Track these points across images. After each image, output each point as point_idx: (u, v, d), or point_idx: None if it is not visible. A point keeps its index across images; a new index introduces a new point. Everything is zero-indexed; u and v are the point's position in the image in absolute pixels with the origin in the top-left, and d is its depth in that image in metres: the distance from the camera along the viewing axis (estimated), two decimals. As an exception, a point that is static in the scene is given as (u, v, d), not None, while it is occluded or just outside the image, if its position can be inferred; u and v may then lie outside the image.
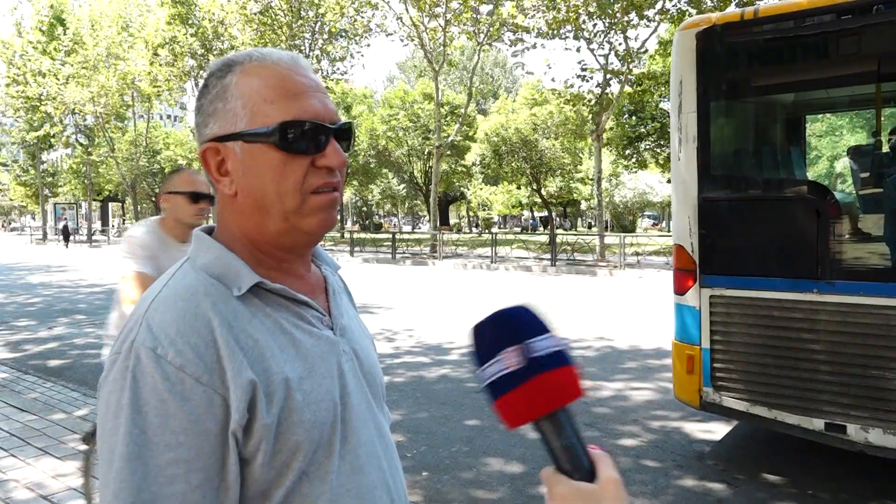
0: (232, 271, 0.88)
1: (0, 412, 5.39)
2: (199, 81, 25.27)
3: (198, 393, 0.78)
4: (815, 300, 3.80)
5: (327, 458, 0.88)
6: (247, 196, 0.89)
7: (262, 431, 0.81)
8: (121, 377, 0.79)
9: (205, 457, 0.78)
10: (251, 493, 0.83)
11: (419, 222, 74.98)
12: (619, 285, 16.04)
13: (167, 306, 0.83)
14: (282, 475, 0.84)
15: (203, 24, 30.42)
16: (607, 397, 6.06)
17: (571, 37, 21.86)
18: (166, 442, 0.77)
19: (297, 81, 0.89)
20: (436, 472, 4.34)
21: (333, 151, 0.89)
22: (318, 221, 0.90)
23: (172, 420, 0.77)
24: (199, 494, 0.78)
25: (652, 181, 47.07)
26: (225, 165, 0.90)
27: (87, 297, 13.82)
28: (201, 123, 0.92)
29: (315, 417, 0.86)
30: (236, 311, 0.85)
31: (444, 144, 27.13)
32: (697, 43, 4.18)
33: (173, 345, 0.79)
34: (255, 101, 0.87)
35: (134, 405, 0.77)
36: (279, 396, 0.83)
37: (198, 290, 0.85)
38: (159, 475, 0.76)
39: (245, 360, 0.82)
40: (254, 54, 0.91)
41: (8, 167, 54.84)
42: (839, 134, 26.42)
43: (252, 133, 0.87)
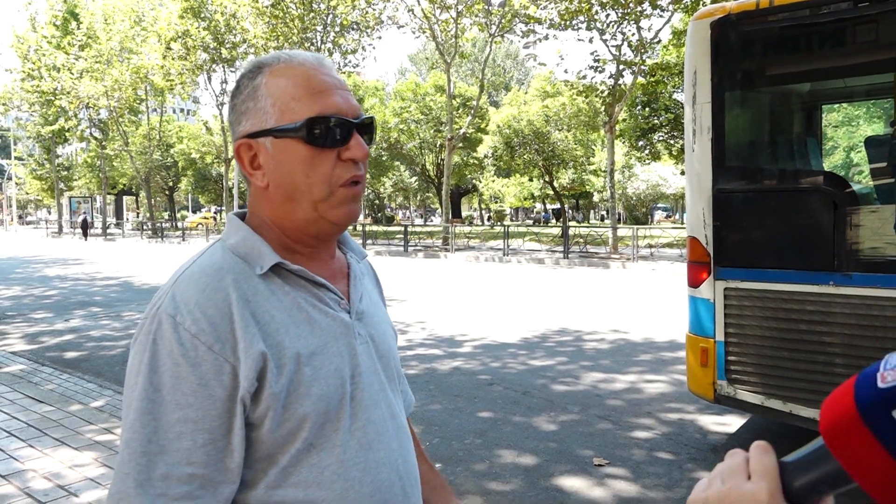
0: (256, 252, 0.95)
1: (18, 403, 5.46)
2: (212, 75, 25.21)
3: (209, 359, 0.86)
4: (832, 293, 3.76)
5: (336, 433, 0.94)
6: (278, 187, 0.96)
7: (269, 400, 0.88)
8: (144, 339, 0.88)
9: (211, 419, 0.86)
10: (258, 456, 0.90)
11: (431, 215, 74.99)
12: (633, 278, 15.97)
13: (192, 280, 0.91)
14: (288, 442, 0.91)
15: (215, 17, 30.52)
16: (621, 390, 6.04)
17: (584, 28, 21.73)
18: (176, 401, 0.85)
19: (321, 80, 0.96)
20: (449, 464, 4.35)
21: (357, 144, 0.96)
22: (344, 213, 0.97)
23: (183, 382, 0.85)
24: (203, 453, 0.85)
25: (665, 173, 46.78)
26: (257, 160, 0.97)
27: (102, 290, 13.95)
28: (234, 122, 0.99)
29: (323, 392, 0.92)
30: (256, 288, 0.92)
31: (455, 137, 27.08)
32: (712, 32, 4.13)
33: (191, 314, 0.87)
34: (284, 100, 0.94)
35: (151, 365, 0.86)
36: (289, 369, 0.90)
37: (222, 267, 0.93)
38: (168, 430, 0.84)
39: (259, 333, 0.89)
40: (281, 56, 0.98)
41: (24, 161, 55.42)
42: (856, 124, 26.10)
43: (281, 129, 0.94)
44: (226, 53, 31.74)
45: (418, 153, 44.06)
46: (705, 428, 5.01)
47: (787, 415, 3.97)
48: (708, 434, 4.90)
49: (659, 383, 6.25)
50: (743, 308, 4.10)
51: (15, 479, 3.93)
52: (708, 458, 4.41)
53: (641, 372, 6.67)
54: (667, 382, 6.26)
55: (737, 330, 4.13)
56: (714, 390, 4.23)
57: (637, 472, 4.19)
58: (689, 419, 5.21)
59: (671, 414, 5.34)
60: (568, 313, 10.33)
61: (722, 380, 4.19)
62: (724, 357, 4.17)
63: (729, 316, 4.15)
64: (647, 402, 5.67)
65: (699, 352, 4.27)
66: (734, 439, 4.81)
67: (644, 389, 6.05)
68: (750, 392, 4.10)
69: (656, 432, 4.92)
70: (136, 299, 12.38)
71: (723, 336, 4.17)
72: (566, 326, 9.17)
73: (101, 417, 5.06)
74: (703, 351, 4.24)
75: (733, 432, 4.93)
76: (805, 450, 0.58)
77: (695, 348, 4.32)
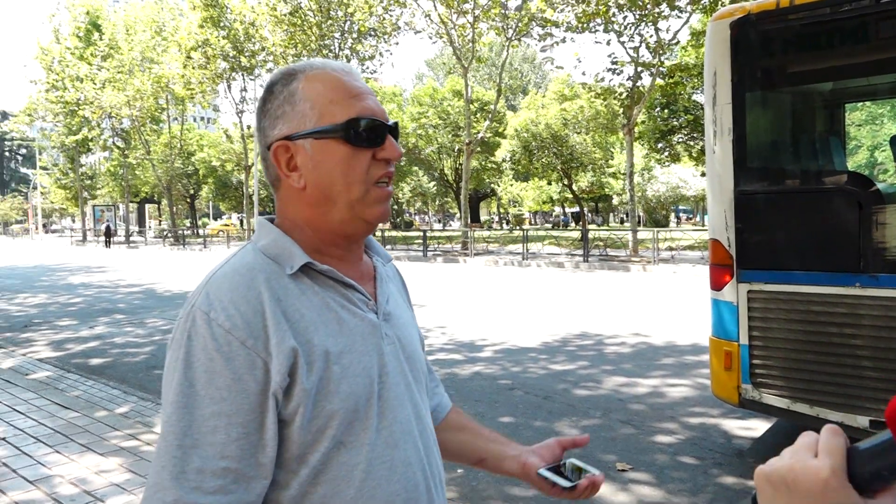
0: (286, 252, 0.98)
1: (44, 409, 5.53)
2: (232, 83, 25.37)
3: (242, 355, 0.88)
4: (858, 294, 3.70)
5: (364, 431, 0.96)
6: (315, 188, 0.99)
7: (301, 395, 0.90)
8: (180, 336, 0.91)
9: (244, 413, 0.88)
10: (290, 455, 0.92)
11: (450, 220, 75.02)
12: (653, 281, 15.85)
13: (225, 278, 0.94)
14: (318, 440, 0.93)
15: (234, 26, 30.84)
16: (643, 394, 5.99)
17: (601, 30, 21.65)
18: (211, 396, 0.87)
19: (354, 85, 1.02)
20: (471, 470, 4.34)
21: (391, 145, 1.02)
22: (378, 212, 1.02)
23: (217, 377, 0.88)
24: (237, 447, 0.87)
25: (685, 175, 46.38)
26: (294, 161, 1.00)
27: (126, 297, 14.12)
28: (268, 126, 1.02)
29: (351, 389, 0.95)
30: (287, 287, 0.95)
31: (473, 141, 27.09)
32: (731, 33, 4.09)
33: (225, 310, 0.89)
34: (322, 103, 0.99)
35: (187, 361, 0.89)
36: (319, 366, 0.92)
37: (254, 267, 0.96)
38: (203, 424, 0.87)
39: (289, 331, 0.91)
40: (314, 63, 1.03)
41: (49, 171, 56.28)
42: (880, 122, 25.71)
43: (321, 130, 0.98)
44: (245, 62, 32.07)
45: (436, 158, 44.15)
46: (730, 432, 4.95)
47: (815, 419, 3.91)
48: (733, 438, 4.83)
49: (682, 387, 6.18)
50: (767, 311, 4.05)
51: (42, 485, 3.98)
52: (733, 463, 4.36)
53: (664, 376, 6.61)
54: (690, 386, 6.20)
55: (761, 333, 4.08)
56: (738, 394, 4.18)
57: (661, 478, 4.15)
58: (712, 423, 5.15)
59: (695, 418, 5.28)
60: (588, 317, 10.27)
61: (746, 383, 4.14)
62: (749, 360, 4.11)
63: (753, 319, 4.09)
64: (671, 406, 5.62)
65: (723, 355, 4.22)
66: (759, 443, 4.74)
67: (667, 394, 6.00)
68: (775, 396, 4.04)
69: (680, 437, 4.87)
70: (158, 306, 12.52)
71: (747, 339, 4.11)
72: (587, 330, 9.12)
73: (126, 423, 5.11)
74: (727, 354, 4.19)
75: (758, 436, 4.86)
76: (875, 438, 0.61)
77: (718, 352, 4.27)
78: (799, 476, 0.61)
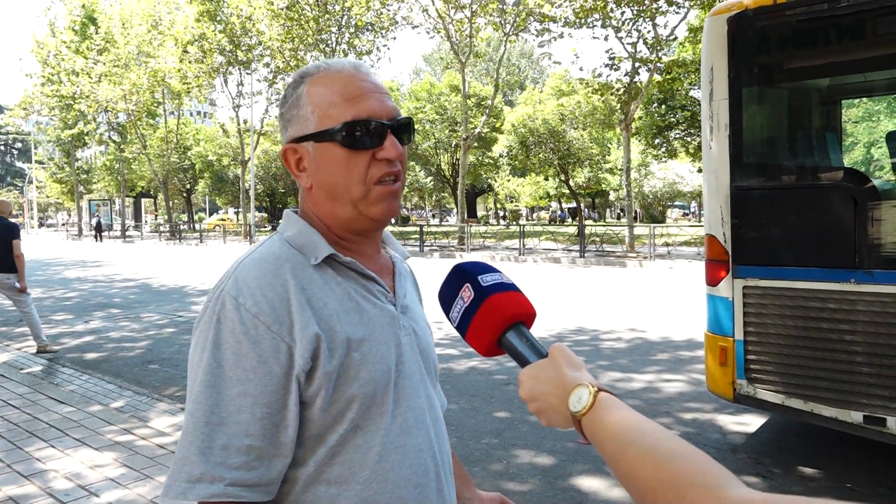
0: (311, 244, 1.03)
1: (39, 404, 5.52)
2: (228, 77, 25.48)
3: (267, 338, 0.92)
4: (853, 290, 3.70)
5: (380, 416, 1.00)
6: (320, 188, 1.04)
7: (322, 379, 0.95)
8: (209, 319, 0.95)
9: (269, 394, 0.92)
10: (309, 435, 0.96)
11: (446, 215, 75.00)
12: (650, 276, 15.87)
13: (254, 265, 0.98)
14: (336, 422, 0.97)
15: (231, 20, 30.72)
16: (638, 389, 6.00)
17: (599, 25, 21.61)
18: (238, 377, 0.91)
19: (357, 85, 1.03)
20: (466, 464, 4.34)
21: (391, 145, 1.02)
22: (382, 209, 1.04)
23: (244, 359, 0.92)
24: (261, 426, 0.91)
25: (682, 171, 46.41)
26: (302, 163, 1.05)
27: (121, 292, 14.09)
28: (282, 128, 1.08)
29: (370, 376, 0.99)
30: (311, 277, 1.00)
31: (471, 136, 27.06)
32: (729, 28, 4.09)
33: (252, 296, 0.94)
34: (322, 106, 1.02)
35: (215, 342, 0.93)
36: (340, 352, 0.97)
37: (280, 256, 1.00)
38: (230, 403, 0.91)
39: (313, 317, 0.96)
40: (321, 66, 1.06)
41: (44, 165, 56.11)
42: (876, 119, 25.75)
43: (320, 133, 1.02)
44: (242, 56, 31.97)
45: (433, 153, 44.10)
46: (724, 428, 4.97)
47: (809, 414, 3.92)
48: (727, 434, 4.85)
49: (677, 383, 6.20)
50: (762, 306, 4.05)
51: (36, 479, 3.97)
52: (728, 458, 4.37)
53: (659, 371, 6.62)
54: (685, 382, 6.21)
55: (756, 329, 4.09)
56: (734, 389, 4.19)
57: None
58: (707, 419, 5.16)
59: (690, 414, 5.29)
60: (584, 312, 10.28)
61: (741, 379, 4.14)
62: (744, 356, 4.12)
63: (748, 314, 4.10)
64: (666, 401, 5.63)
65: (718, 351, 4.23)
66: (754, 439, 4.76)
67: (662, 389, 6.01)
68: (770, 391, 4.05)
69: (675, 432, 4.87)
70: (154, 301, 12.50)
71: (742, 335, 4.12)
72: (583, 326, 9.13)
73: (121, 418, 5.10)
74: (723, 350, 4.20)
75: (753, 432, 4.88)
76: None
77: (714, 347, 4.28)
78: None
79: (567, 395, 0.81)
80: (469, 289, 0.93)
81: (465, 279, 0.95)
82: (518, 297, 0.93)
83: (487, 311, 0.90)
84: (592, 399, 0.78)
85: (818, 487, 3.89)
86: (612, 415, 0.76)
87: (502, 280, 0.95)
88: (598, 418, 0.77)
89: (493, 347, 0.92)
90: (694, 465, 0.68)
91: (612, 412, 0.76)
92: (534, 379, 0.86)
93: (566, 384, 0.82)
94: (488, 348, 0.92)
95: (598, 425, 0.76)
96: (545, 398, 0.84)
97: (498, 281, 0.94)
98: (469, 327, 0.93)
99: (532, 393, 0.86)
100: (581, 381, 0.81)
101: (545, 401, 0.84)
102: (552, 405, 0.83)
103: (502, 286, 0.93)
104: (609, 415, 0.76)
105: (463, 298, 0.94)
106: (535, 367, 0.87)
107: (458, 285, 0.96)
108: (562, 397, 0.82)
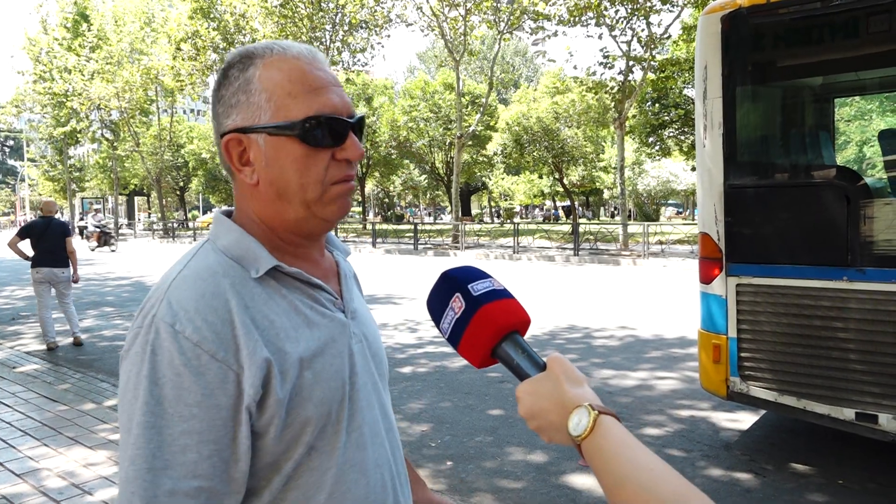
0: (251, 254, 0.92)
1: (32, 402, 5.50)
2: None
3: (213, 369, 0.82)
4: (846, 288, 3.72)
5: (335, 435, 0.93)
6: (269, 185, 0.93)
7: (274, 407, 0.86)
8: (141, 350, 0.84)
9: (216, 429, 0.82)
10: (262, 465, 0.88)
11: (441, 213, 74.96)
12: (643, 275, 15.91)
13: (187, 285, 0.87)
14: (291, 448, 0.89)
15: (224, 17, 30.60)
16: (631, 387, 6.02)
17: (593, 24, 21.63)
18: (180, 413, 0.81)
19: (316, 76, 0.93)
20: (460, 462, 4.35)
21: (352, 144, 0.94)
22: (335, 209, 0.95)
23: (186, 393, 0.81)
24: (209, 465, 0.82)
25: (676, 169, 46.53)
26: (246, 155, 0.93)
27: (114, 290, 14.04)
28: (222, 114, 0.94)
29: (324, 395, 0.91)
30: (253, 292, 0.89)
31: (465, 135, 27.05)
32: (722, 26, 4.10)
33: (191, 321, 0.83)
34: (279, 96, 0.91)
35: (151, 377, 0.82)
36: (292, 375, 0.88)
37: (217, 271, 0.89)
38: (173, 444, 0.81)
39: (260, 339, 0.86)
40: (274, 47, 0.94)
41: (36, 163, 55.82)
42: (869, 117, 25.86)
43: (276, 126, 0.90)
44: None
45: (427, 151, 44.04)
46: (717, 425, 4.99)
47: (801, 411, 3.94)
48: (720, 431, 4.87)
49: (670, 380, 6.22)
50: (755, 304, 4.07)
51: (29, 478, 3.96)
52: (720, 455, 4.39)
53: (652, 369, 6.64)
54: (678, 379, 6.23)
55: (750, 326, 4.10)
56: (727, 387, 4.21)
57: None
58: (700, 416, 5.18)
59: (683, 411, 5.31)
60: (578, 310, 10.29)
61: (735, 376, 4.16)
62: (737, 353, 4.14)
63: (741, 312, 4.12)
64: (659, 399, 5.65)
65: (711, 348, 4.25)
66: (747, 436, 4.78)
67: (655, 386, 6.03)
68: (763, 388, 4.07)
69: (668, 429, 4.90)
70: (148, 299, 12.44)
71: (735, 332, 4.14)
72: (576, 323, 9.15)
73: (115, 416, 5.09)
74: (716, 347, 4.21)
75: (746, 429, 4.90)
76: None
77: (707, 345, 4.29)
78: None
79: (568, 413, 0.79)
80: (459, 299, 0.88)
81: (455, 288, 0.90)
82: (511, 305, 0.89)
83: (480, 322, 0.86)
84: (592, 423, 0.76)
85: (810, 484, 3.91)
86: (612, 443, 0.74)
87: (493, 287, 0.90)
88: (597, 446, 0.74)
89: (488, 359, 0.88)
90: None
91: (612, 440, 0.74)
92: (533, 396, 0.83)
93: (566, 402, 0.79)
94: (482, 360, 0.88)
95: (597, 453, 0.74)
96: (545, 416, 0.82)
97: (489, 289, 0.89)
98: (461, 340, 0.88)
99: (532, 410, 0.83)
100: (581, 400, 0.79)
101: (545, 418, 0.82)
102: (553, 423, 0.81)
103: (494, 294, 0.88)
104: (608, 443, 0.74)
105: (454, 309, 0.89)
106: (534, 383, 0.83)
107: (448, 295, 0.90)
108: (562, 415, 0.79)
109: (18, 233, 8.08)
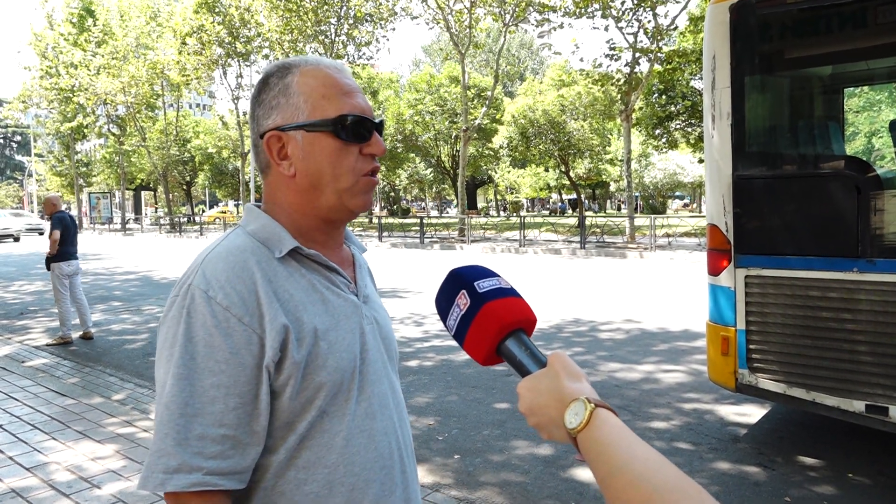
0: (275, 237, 1.05)
1: (41, 396, 5.52)
2: (227, 69, 25.34)
3: (239, 331, 0.95)
4: (856, 279, 3.69)
5: (346, 402, 1.04)
6: (305, 176, 1.06)
7: (291, 368, 0.98)
8: (178, 313, 0.97)
9: (241, 384, 0.95)
10: (279, 423, 1.00)
11: (447, 207, 74.93)
12: (650, 267, 15.86)
13: (220, 259, 1.00)
14: (305, 410, 1.01)
15: (230, 12, 30.60)
16: (638, 380, 6.00)
17: (599, 15, 21.47)
18: (210, 368, 0.94)
19: (346, 83, 1.08)
20: (467, 455, 4.34)
21: (377, 141, 1.09)
22: (361, 202, 1.09)
23: (216, 351, 0.95)
24: (234, 416, 0.95)
25: (683, 161, 46.31)
26: (285, 150, 1.06)
27: (122, 285, 14.09)
28: (262, 116, 1.08)
29: (337, 364, 1.03)
30: (276, 269, 1.03)
31: (471, 128, 26.99)
32: (731, 16, 4.06)
33: (222, 289, 0.96)
34: (314, 98, 1.05)
35: (187, 335, 0.95)
36: (308, 342, 1.00)
37: (246, 249, 1.02)
38: (203, 395, 0.94)
39: (280, 309, 0.99)
40: (309, 59, 1.10)
41: (44, 158, 55.99)
42: (878, 108, 25.67)
43: (312, 123, 1.05)
44: (240, 48, 31.85)
45: (433, 145, 43.97)
46: (725, 418, 4.96)
47: (811, 403, 3.92)
48: (728, 424, 4.85)
49: (677, 373, 6.19)
50: (764, 296, 4.04)
51: (38, 472, 3.98)
52: (728, 449, 4.37)
53: (659, 362, 6.62)
54: (685, 372, 6.21)
55: (758, 318, 4.08)
56: (735, 379, 4.18)
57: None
58: (708, 409, 5.16)
59: (690, 404, 5.29)
60: (584, 304, 10.27)
61: (743, 368, 4.14)
62: (746, 346, 4.11)
63: (750, 304, 4.09)
64: (666, 391, 5.63)
65: (720, 340, 4.22)
66: (755, 429, 4.76)
67: (662, 379, 6.01)
68: (772, 381, 4.05)
69: (675, 423, 4.88)
70: (155, 293, 12.49)
71: (744, 324, 4.11)
72: (582, 317, 9.12)
73: (123, 410, 5.11)
74: (724, 339, 4.19)
75: (754, 422, 4.88)
76: None
77: (715, 337, 4.27)
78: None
79: (565, 407, 0.79)
80: (465, 296, 0.91)
81: (461, 285, 0.92)
82: (517, 303, 0.90)
83: (484, 318, 0.88)
84: (588, 416, 0.76)
85: (819, 477, 3.89)
86: (607, 435, 0.74)
87: (500, 285, 0.92)
88: (593, 438, 0.74)
89: (492, 356, 0.89)
90: (686, 500, 0.65)
91: (608, 432, 0.74)
92: (532, 391, 0.84)
93: (564, 397, 0.80)
94: (487, 357, 0.89)
95: (592, 445, 0.74)
96: (544, 411, 0.82)
97: (495, 286, 0.91)
98: (466, 336, 0.90)
99: (531, 406, 0.84)
100: (579, 394, 0.79)
101: (544, 414, 0.82)
102: (552, 418, 0.81)
103: (500, 292, 0.90)
104: (603, 435, 0.74)
105: (459, 306, 0.91)
106: (533, 379, 0.84)
107: (454, 292, 0.93)
108: (560, 409, 0.80)
109: (55, 227, 8.09)
